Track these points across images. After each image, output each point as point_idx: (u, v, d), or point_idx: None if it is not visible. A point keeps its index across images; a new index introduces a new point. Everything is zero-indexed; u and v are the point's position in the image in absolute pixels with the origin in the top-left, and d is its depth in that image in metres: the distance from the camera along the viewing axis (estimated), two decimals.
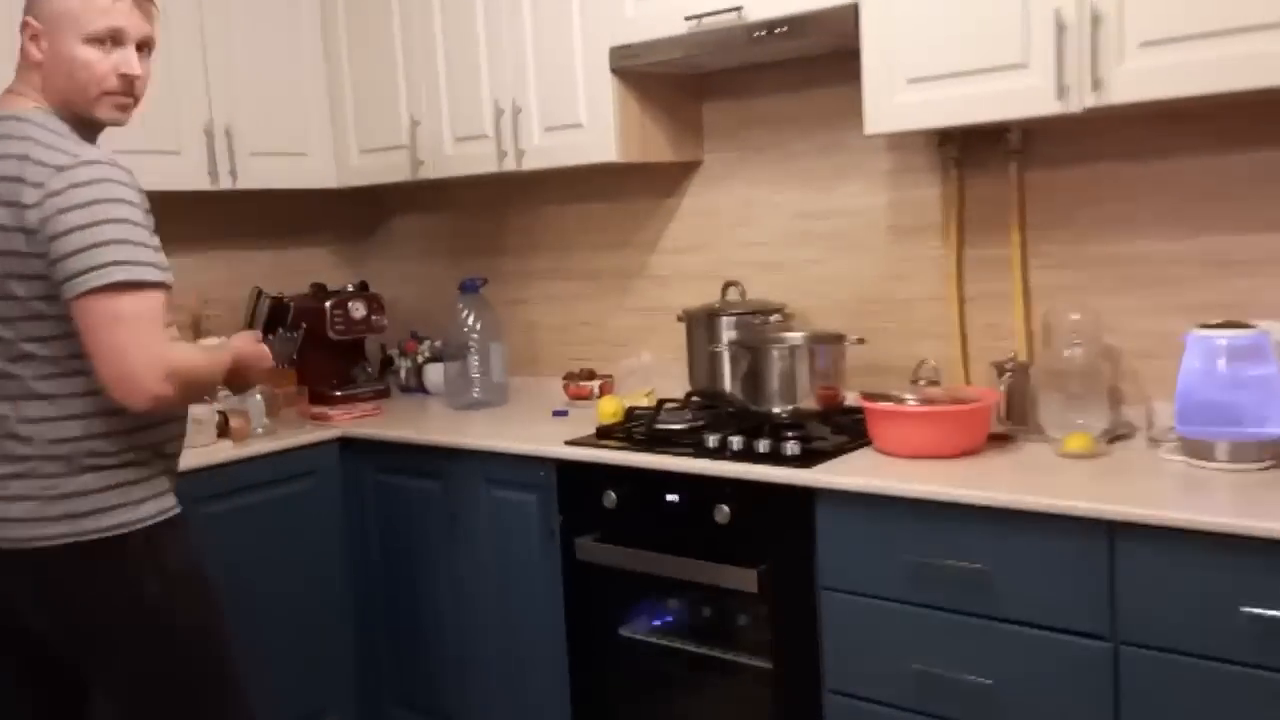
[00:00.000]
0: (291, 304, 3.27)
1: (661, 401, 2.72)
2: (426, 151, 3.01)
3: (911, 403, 2.12)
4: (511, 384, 3.25)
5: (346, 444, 2.90)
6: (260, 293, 3.26)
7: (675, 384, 2.89)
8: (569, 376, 3.00)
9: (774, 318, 2.58)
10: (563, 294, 3.25)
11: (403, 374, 3.48)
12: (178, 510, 1.76)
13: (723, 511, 2.16)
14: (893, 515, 1.97)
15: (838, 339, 2.36)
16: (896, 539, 1.97)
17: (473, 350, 3.07)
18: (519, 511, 2.56)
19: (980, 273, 2.46)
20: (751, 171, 2.80)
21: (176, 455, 1.79)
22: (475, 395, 3.08)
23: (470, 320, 3.07)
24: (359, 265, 3.72)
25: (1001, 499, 1.85)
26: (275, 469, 2.77)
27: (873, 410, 2.15)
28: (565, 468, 2.44)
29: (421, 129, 3.01)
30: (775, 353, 2.29)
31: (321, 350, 3.33)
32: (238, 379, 1.89)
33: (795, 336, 2.47)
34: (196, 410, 2.63)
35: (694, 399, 2.72)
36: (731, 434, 2.27)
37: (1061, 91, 1.98)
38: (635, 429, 2.51)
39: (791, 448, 2.15)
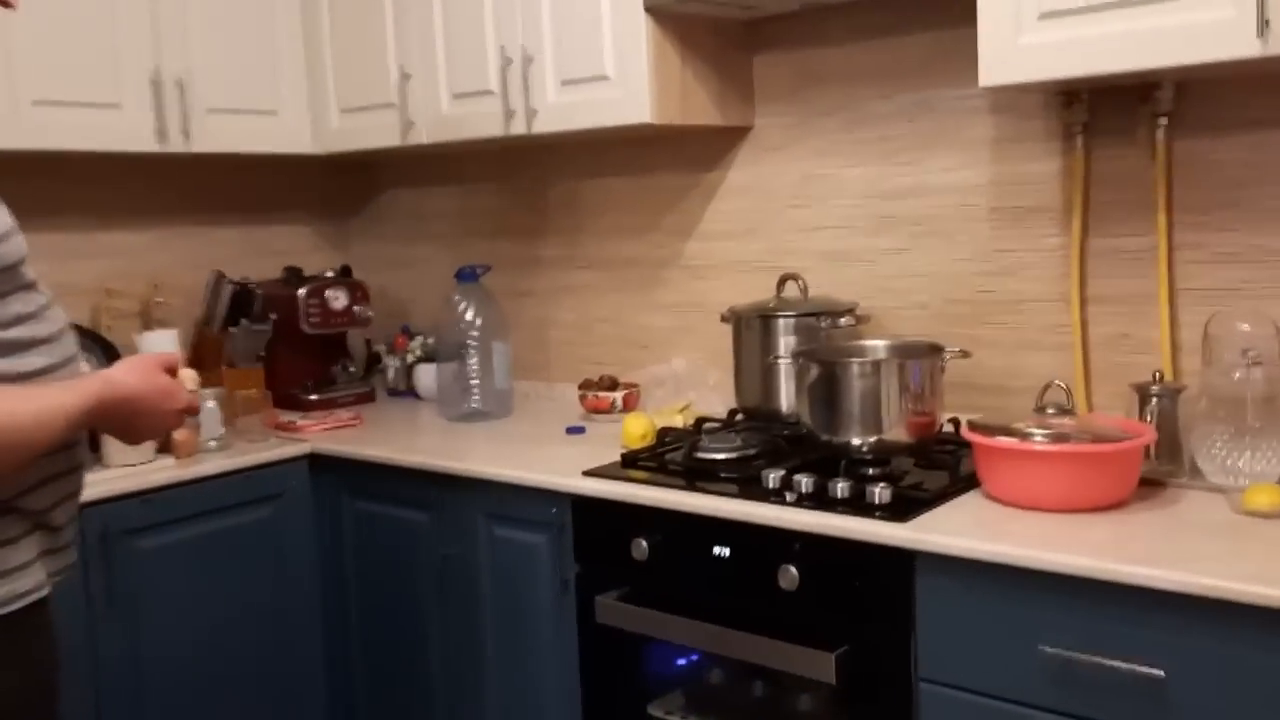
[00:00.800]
0: (259, 291, 2.78)
1: (700, 421, 2.23)
2: (419, 111, 2.51)
3: (1040, 439, 1.61)
4: (517, 391, 2.75)
5: (317, 462, 2.41)
6: (221, 277, 2.76)
7: (716, 398, 2.39)
8: (586, 385, 2.50)
9: (843, 321, 2.08)
10: (580, 286, 2.74)
11: (391, 374, 2.98)
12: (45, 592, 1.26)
13: (789, 574, 1.66)
14: (1025, 590, 1.47)
15: (934, 351, 1.85)
16: (1030, 623, 1.47)
17: (471, 351, 2.57)
18: (525, 556, 2.06)
19: (1110, 268, 1.95)
20: (814, 139, 2.29)
21: (50, 510, 1.28)
22: (473, 405, 2.58)
23: (468, 315, 2.57)
24: (342, 247, 3.22)
25: (1189, 582, 1.34)
26: (228, 493, 2.28)
27: (989, 448, 1.64)
28: (583, 505, 1.95)
29: (413, 84, 2.51)
30: (856, 369, 1.79)
31: (294, 346, 2.84)
32: (120, 429, 1.35)
33: (877, 345, 1.96)
34: None
35: (740, 418, 2.22)
36: (796, 469, 1.77)
37: (1263, 28, 1.47)
38: (669, 456, 2.02)
39: (880, 493, 1.65)
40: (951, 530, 1.56)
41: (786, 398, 2.09)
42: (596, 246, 2.70)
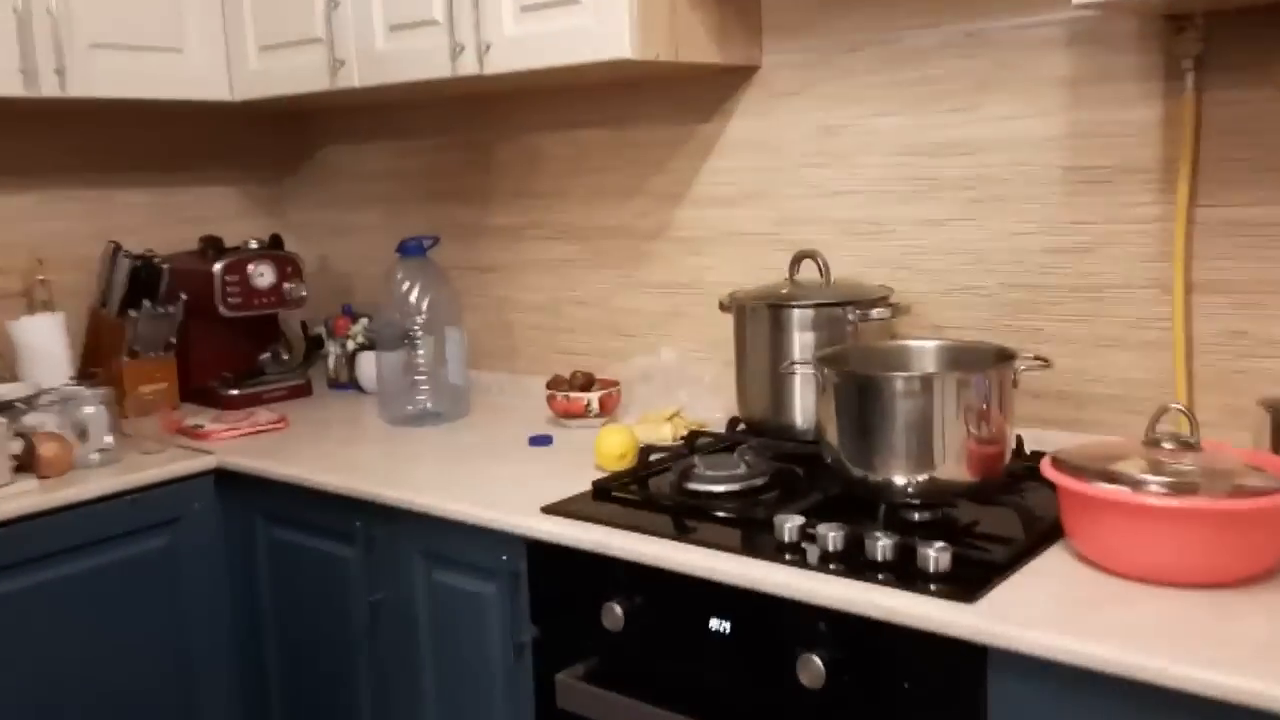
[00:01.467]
0: (165, 267, 2.33)
1: (694, 435, 1.79)
2: (349, 48, 2.04)
3: (1158, 488, 1.18)
4: (478, 384, 2.32)
5: (226, 479, 1.97)
6: (117, 250, 2.30)
7: (712, 401, 1.96)
8: (556, 384, 2.05)
9: (875, 313, 1.64)
10: (550, 261, 2.29)
11: (331, 363, 2.53)
12: None
13: (812, 666, 1.23)
14: (1149, 710, 1.04)
15: (1004, 360, 1.41)
16: None
17: (418, 340, 2.13)
18: (471, 609, 1.63)
19: (1225, 246, 1.51)
20: (835, 82, 1.83)
21: None
22: (420, 405, 2.14)
23: (413, 297, 2.12)
24: (273, 213, 2.76)
25: None
26: (111, 520, 1.84)
27: (1087, 498, 1.20)
28: (541, 552, 1.51)
29: (342, 13, 2.04)
30: (900, 386, 1.34)
31: (211, 332, 2.40)
32: None
33: (924, 348, 1.52)
34: None
35: (741, 430, 1.78)
36: (818, 514, 1.34)
37: None
38: (653, 485, 1.59)
39: (937, 556, 1.22)
40: (1038, 615, 1.13)
41: (802, 411, 1.66)
42: (569, 214, 2.24)
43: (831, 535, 1.28)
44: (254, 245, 2.41)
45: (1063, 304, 1.64)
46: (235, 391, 2.36)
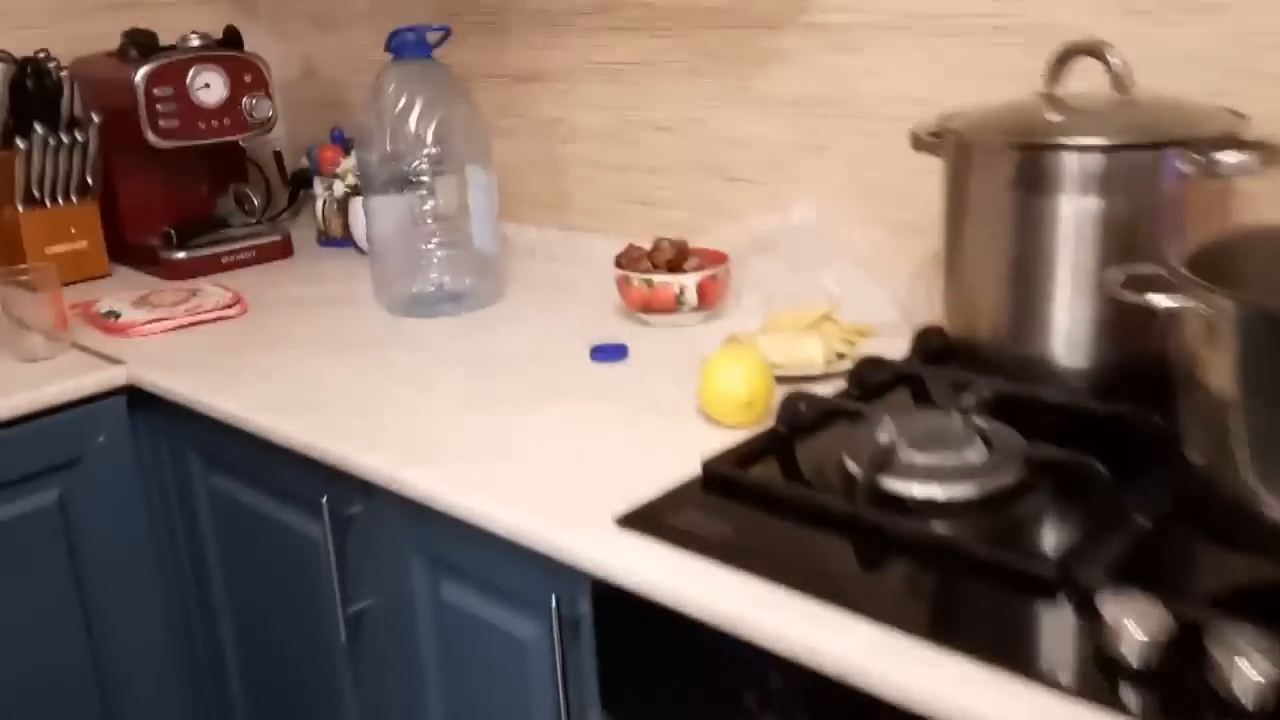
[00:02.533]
0: (65, 75, 1.62)
1: (867, 364, 1.08)
2: None
3: None
4: (514, 245, 1.63)
5: (145, 403, 1.32)
6: None
7: (878, 289, 1.25)
8: (631, 258, 1.34)
9: (1226, 158, 0.89)
10: (619, 62, 1.54)
11: (320, 210, 1.84)
12: None
13: None
14: None
15: None
16: None
17: (422, 181, 1.43)
18: (500, 652, 0.99)
19: None
20: None
21: None
22: (430, 282, 1.46)
23: (413, 120, 1.40)
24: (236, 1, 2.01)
25: None
26: None
27: None
28: (618, 598, 0.85)
29: None
30: None
31: (150, 168, 1.72)
32: None
33: None
34: None
35: (940, 355, 1.07)
36: (1159, 583, 0.66)
37: None
38: (810, 467, 0.91)
39: None
40: None
41: (1071, 334, 0.94)
42: None
43: (1252, 664, 0.60)
44: (196, 43, 1.69)
45: None
46: (182, 254, 1.69)
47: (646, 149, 1.53)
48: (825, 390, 1.05)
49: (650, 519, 0.85)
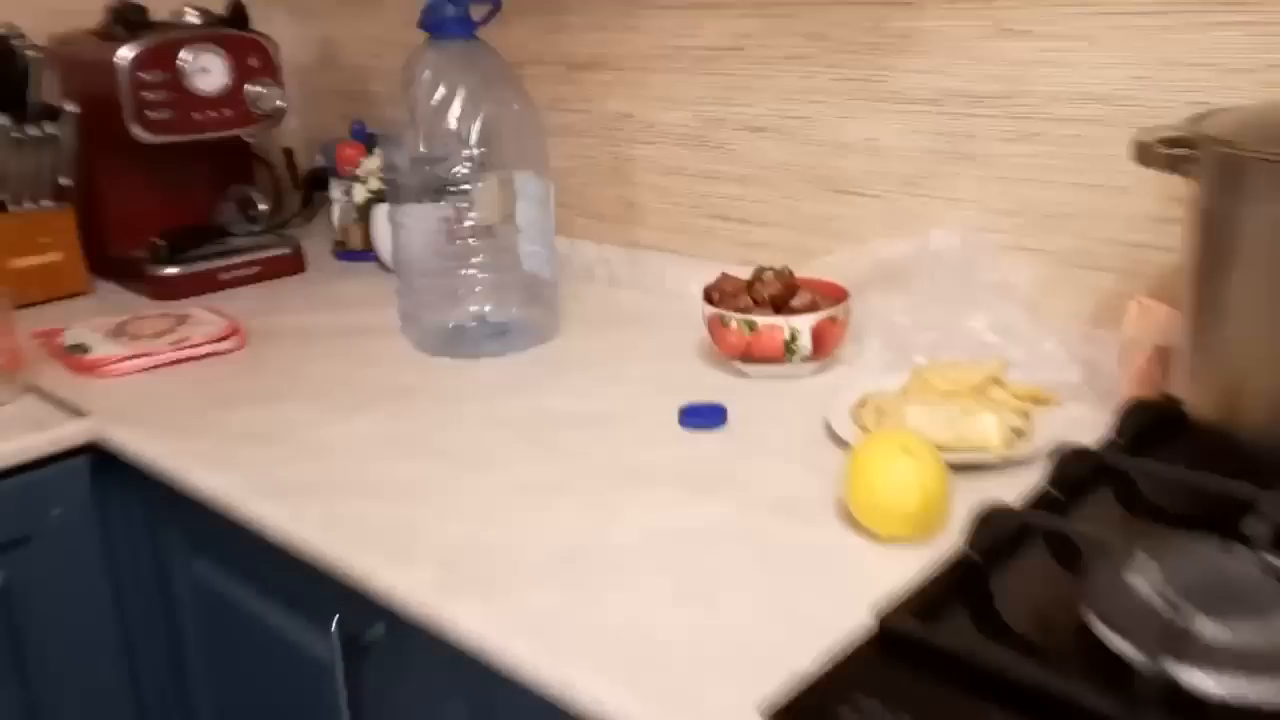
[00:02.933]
0: (36, 55, 1.36)
1: (1066, 455, 0.79)
2: None
3: None
4: (573, 266, 1.37)
5: (110, 467, 1.05)
6: None
7: (1048, 343, 0.97)
8: (725, 292, 1.06)
9: None
10: (705, 48, 1.25)
11: (336, 217, 1.57)
12: None
13: None
14: None
15: None
16: None
17: (462, 189, 1.15)
18: None
19: None
20: None
21: None
22: (471, 312, 1.19)
23: (454, 114, 1.13)
24: None
25: None
26: None
27: None
28: None
29: None
30: None
31: (136, 166, 1.46)
32: None
33: None
34: None
35: (1170, 433, 0.78)
36: None
37: None
38: (1033, 627, 0.63)
39: None
40: None
41: None
42: None
43: None
44: (192, 19, 1.42)
45: None
46: (174, 270, 1.42)
47: (736, 153, 1.25)
48: (1003, 485, 0.77)
49: (813, 714, 0.57)
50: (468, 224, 1.18)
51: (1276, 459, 0.71)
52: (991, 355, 0.94)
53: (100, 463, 1.05)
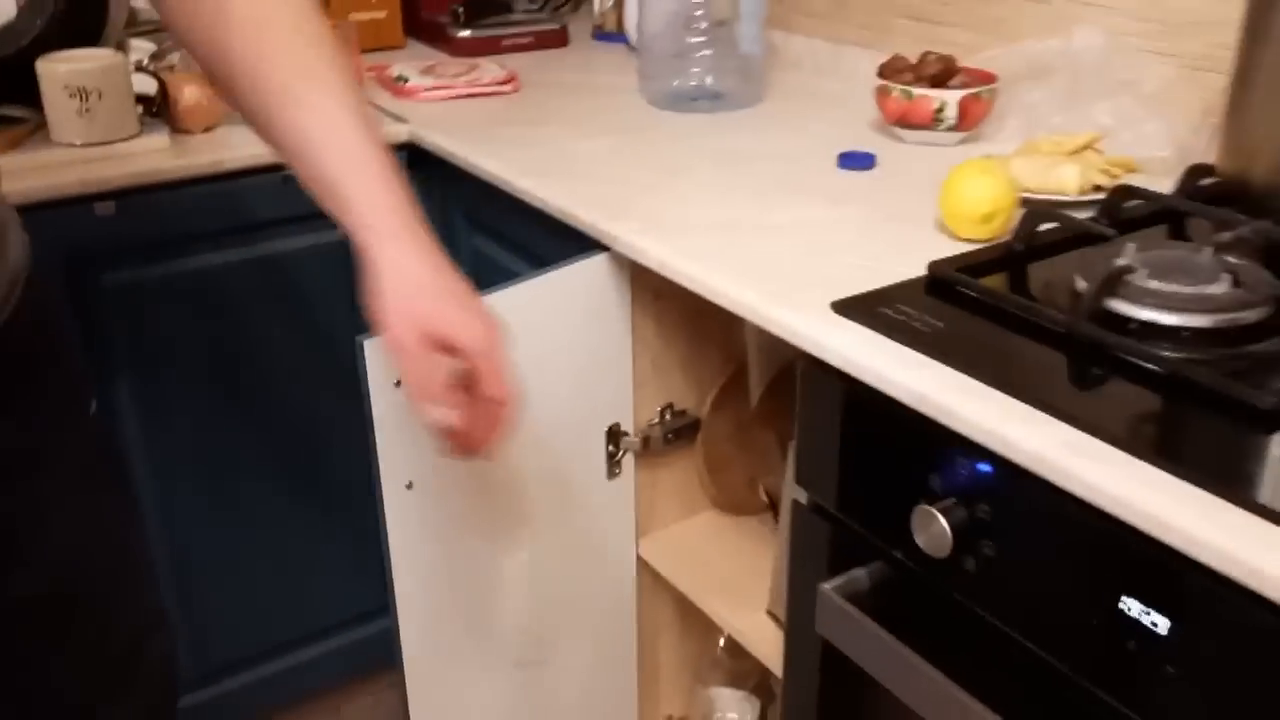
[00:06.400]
0: None
1: (1122, 192, 1.04)
2: None
3: None
4: (781, 53, 1.63)
5: (421, 159, 1.44)
6: None
7: (1157, 126, 1.18)
8: (893, 68, 1.31)
9: None
10: None
11: (598, 4, 1.89)
12: None
13: None
14: None
15: None
16: None
17: None
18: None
19: None
20: None
21: None
22: (693, 80, 1.49)
23: None
24: None
25: None
26: (261, 199, 1.38)
27: None
28: (823, 376, 0.88)
29: None
30: None
31: None
32: None
33: None
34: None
35: (1213, 196, 1.01)
36: None
37: None
38: (1039, 286, 0.90)
39: None
40: None
41: None
42: None
43: None
44: None
45: None
46: (467, 33, 1.79)
47: None
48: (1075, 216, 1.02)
49: (866, 308, 0.87)
50: (699, 10, 1.47)
51: (1266, 196, 0.92)
52: (1095, 129, 1.16)
53: (413, 158, 1.44)
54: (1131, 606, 0.67)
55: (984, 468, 0.75)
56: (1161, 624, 0.66)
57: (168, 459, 1.41)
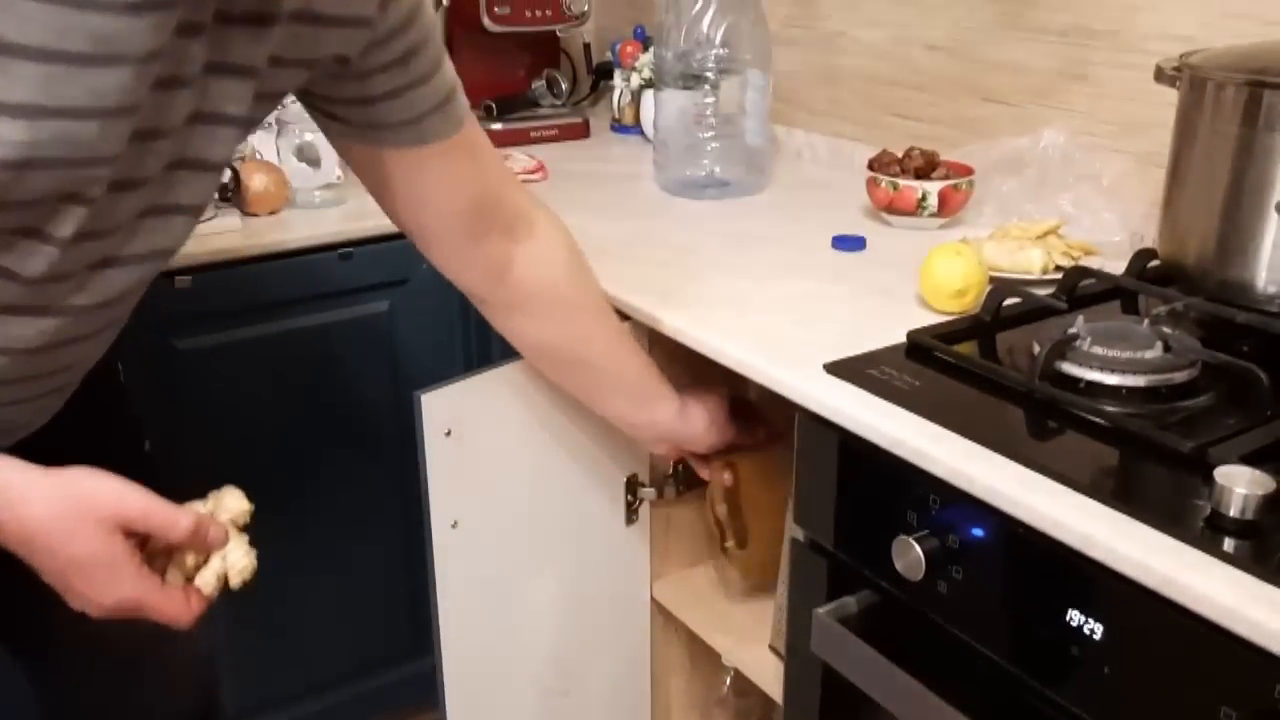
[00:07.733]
0: None
1: (1077, 272, 1.19)
2: None
3: None
4: (785, 146, 1.80)
5: None
6: None
7: (1111, 215, 1.34)
8: (882, 162, 1.48)
9: None
10: None
11: (616, 99, 2.08)
12: None
13: None
14: None
15: None
16: None
17: (708, 80, 1.61)
18: None
19: None
20: None
21: None
22: (704, 169, 1.66)
23: (706, 21, 1.59)
24: None
25: None
26: (320, 275, 1.54)
27: None
28: (817, 428, 1.03)
29: None
30: None
31: (479, 48, 1.99)
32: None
33: None
34: None
35: (1156, 277, 1.16)
36: None
37: None
38: (1004, 352, 1.05)
39: None
40: None
41: (1274, 265, 1.02)
42: None
43: None
44: None
45: None
46: (499, 126, 1.97)
47: (917, 66, 1.65)
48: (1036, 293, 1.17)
49: (855, 369, 1.02)
50: (709, 106, 1.64)
51: (1196, 276, 1.07)
52: (1059, 217, 1.32)
53: None
54: (1074, 617, 0.80)
55: (953, 503, 0.89)
56: (1098, 630, 0.79)
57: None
